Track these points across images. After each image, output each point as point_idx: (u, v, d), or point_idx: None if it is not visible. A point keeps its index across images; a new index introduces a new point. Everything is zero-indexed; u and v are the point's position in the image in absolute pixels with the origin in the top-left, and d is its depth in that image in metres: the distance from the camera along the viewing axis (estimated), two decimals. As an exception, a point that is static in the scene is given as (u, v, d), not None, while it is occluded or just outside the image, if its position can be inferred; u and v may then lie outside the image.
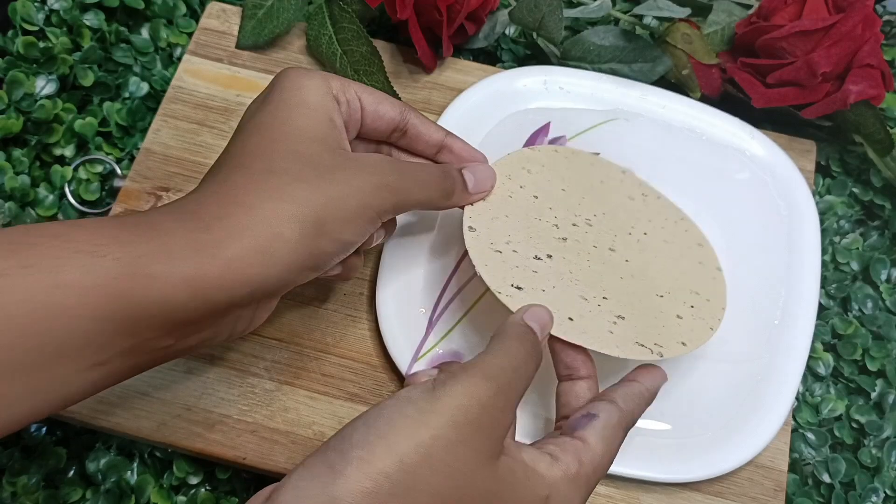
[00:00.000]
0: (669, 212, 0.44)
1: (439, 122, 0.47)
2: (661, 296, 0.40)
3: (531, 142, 0.47)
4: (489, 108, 0.48)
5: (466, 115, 0.47)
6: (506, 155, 0.42)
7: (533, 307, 0.35)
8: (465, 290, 0.43)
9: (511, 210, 0.40)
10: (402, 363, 0.41)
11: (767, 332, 0.42)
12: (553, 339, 0.36)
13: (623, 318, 0.38)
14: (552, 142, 0.47)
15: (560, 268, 0.39)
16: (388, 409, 0.27)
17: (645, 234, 0.43)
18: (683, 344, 0.39)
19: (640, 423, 0.40)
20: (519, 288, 0.37)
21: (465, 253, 0.39)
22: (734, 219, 0.45)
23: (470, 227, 0.39)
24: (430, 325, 0.42)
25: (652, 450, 0.40)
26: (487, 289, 0.37)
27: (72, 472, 0.42)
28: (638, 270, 0.41)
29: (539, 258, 0.39)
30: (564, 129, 0.48)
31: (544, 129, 0.48)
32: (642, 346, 0.37)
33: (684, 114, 0.48)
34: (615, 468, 0.39)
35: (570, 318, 0.37)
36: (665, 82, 0.50)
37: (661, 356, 0.38)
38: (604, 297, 0.39)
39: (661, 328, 0.39)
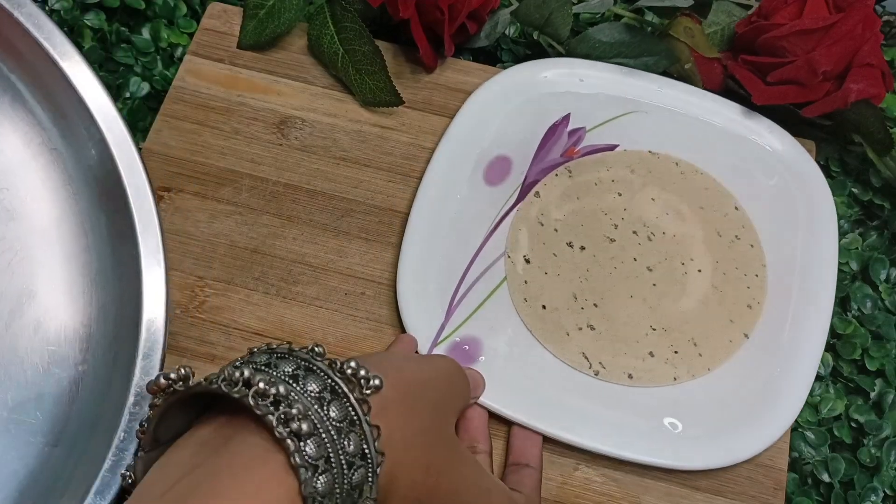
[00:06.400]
0: (749, 263, 0.43)
1: (460, 113, 0.47)
2: (654, 328, 0.40)
3: (550, 133, 0.47)
4: (509, 99, 0.48)
5: (486, 106, 0.48)
6: (623, 151, 0.41)
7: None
8: (484, 277, 0.43)
9: (587, 196, 0.39)
10: (423, 348, 0.41)
11: (778, 331, 0.42)
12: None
13: (593, 328, 0.38)
14: (571, 133, 0.47)
15: (580, 262, 0.38)
16: None
17: (699, 270, 0.42)
18: (630, 376, 0.38)
19: (646, 416, 0.40)
20: (528, 261, 0.37)
21: (487, 238, 0.39)
22: (750, 212, 0.46)
23: (536, 193, 0.38)
24: (450, 310, 0.42)
25: (659, 439, 0.40)
26: (506, 277, 0.37)
27: (75, 472, 0.42)
28: (653, 297, 0.40)
29: (571, 245, 0.39)
30: (584, 120, 0.48)
31: (564, 120, 0.48)
32: (586, 358, 0.37)
33: (702, 107, 0.48)
34: (619, 452, 0.39)
35: (543, 307, 0.36)
36: (669, 76, 0.50)
37: (596, 374, 0.37)
38: (594, 304, 0.38)
39: (623, 354, 0.38)
